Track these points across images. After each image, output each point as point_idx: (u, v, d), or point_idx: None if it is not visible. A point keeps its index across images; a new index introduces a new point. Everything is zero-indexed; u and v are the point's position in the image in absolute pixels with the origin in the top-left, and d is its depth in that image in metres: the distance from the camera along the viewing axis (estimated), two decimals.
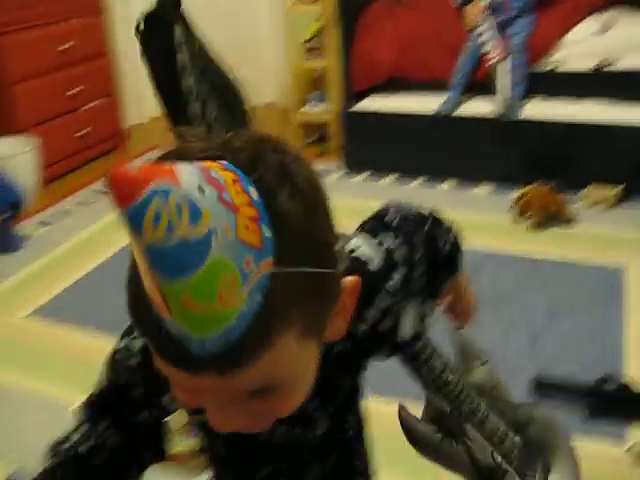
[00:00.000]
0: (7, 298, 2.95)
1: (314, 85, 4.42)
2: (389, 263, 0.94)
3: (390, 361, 1.05)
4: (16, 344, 2.65)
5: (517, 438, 1.24)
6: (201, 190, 0.54)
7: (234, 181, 0.57)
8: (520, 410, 1.28)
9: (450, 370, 1.15)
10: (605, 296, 2.68)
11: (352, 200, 3.06)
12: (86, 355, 2.51)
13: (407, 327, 1.00)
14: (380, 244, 0.96)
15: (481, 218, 3.36)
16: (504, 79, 3.56)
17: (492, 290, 2.74)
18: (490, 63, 3.58)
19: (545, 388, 2.14)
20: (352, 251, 0.93)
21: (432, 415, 1.19)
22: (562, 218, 3.20)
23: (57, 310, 2.82)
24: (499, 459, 1.18)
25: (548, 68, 3.61)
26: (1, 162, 3.38)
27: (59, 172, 4.09)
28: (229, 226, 0.55)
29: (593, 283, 2.77)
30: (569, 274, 2.85)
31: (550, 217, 3.20)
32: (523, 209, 3.26)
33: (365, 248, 0.94)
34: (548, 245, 3.08)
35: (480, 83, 3.65)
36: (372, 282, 0.90)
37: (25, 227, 3.52)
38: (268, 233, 0.58)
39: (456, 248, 1.17)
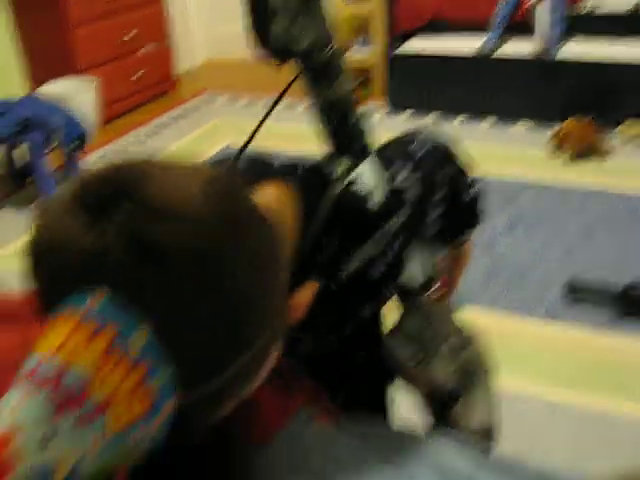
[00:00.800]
0: None
1: (358, 30, 4.56)
2: (393, 202, 0.84)
3: None
4: None
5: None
6: (44, 444, 0.46)
7: (106, 352, 0.47)
8: (462, 333, 1.32)
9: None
10: (636, 221, 2.84)
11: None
12: None
13: (415, 274, 0.95)
14: (391, 179, 0.85)
15: (520, 152, 3.51)
16: (543, 20, 3.68)
17: (529, 212, 2.91)
18: (529, 4, 3.69)
19: (577, 291, 2.32)
20: (351, 182, 0.83)
21: (409, 335, 1.21)
22: (598, 151, 3.34)
23: None
24: (455, 385, 1.21)
25: (586, 10, 3.72)
26: (66, 100, 3.61)
27: (116, 113, 4.31)
28: (97, 437, 0.47)
29: (625, 210, 2.92)
30: (602, 201, 3.00)
31: (586, 149, 3.34)
32: (561, 141, 3.40)
33: (370, 179, 0.83)
34: (583, 176, 3.23)
35: (520, 24, 3.78)
36: (364, 222, 0.82)
37: (87, 162, 3.76)
38: (164, 380, 0.49)
39: (477, 200, 1.04)
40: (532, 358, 2.12)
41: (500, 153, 3.50)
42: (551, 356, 2.13)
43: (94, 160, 3.81)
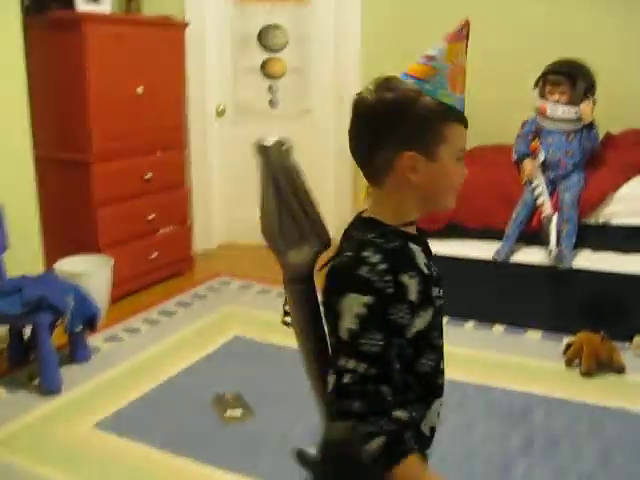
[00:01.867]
0: (75, 407, 3.10)
1: None
2: None
3: None
4: (79, 453, 2.77)
5: None
6: None
7: None
8: None
9: None
10: None
11: None
12: (144, 467, 2.62)
13: None
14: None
15: (532, 363, 3.45)
16: (555, 231, 3.74)
17: (543, 433, 2.80)
18: (543, 215, 3.77)
19: None
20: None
21: None
22: (613, 366, 3.27)
23: (120, 424, 2.94)
24: None
25: (598, 222, 3.78)
26: (80, 278, 3.63)
27: (128, 291, 4.33)
28: None
29: None
30: (620, 421, 2.88)
31: (601, 365, 3.28)
32: (573, 356, 3.34)
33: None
34: (599, 392, 3.14)
35: (533, 233, 3.83)
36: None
37: (94, 340, 3.71)
38: None
39: None
40: None
41: (513, 363, 3.43)
42: None
43: (102, 339, 3.76)
